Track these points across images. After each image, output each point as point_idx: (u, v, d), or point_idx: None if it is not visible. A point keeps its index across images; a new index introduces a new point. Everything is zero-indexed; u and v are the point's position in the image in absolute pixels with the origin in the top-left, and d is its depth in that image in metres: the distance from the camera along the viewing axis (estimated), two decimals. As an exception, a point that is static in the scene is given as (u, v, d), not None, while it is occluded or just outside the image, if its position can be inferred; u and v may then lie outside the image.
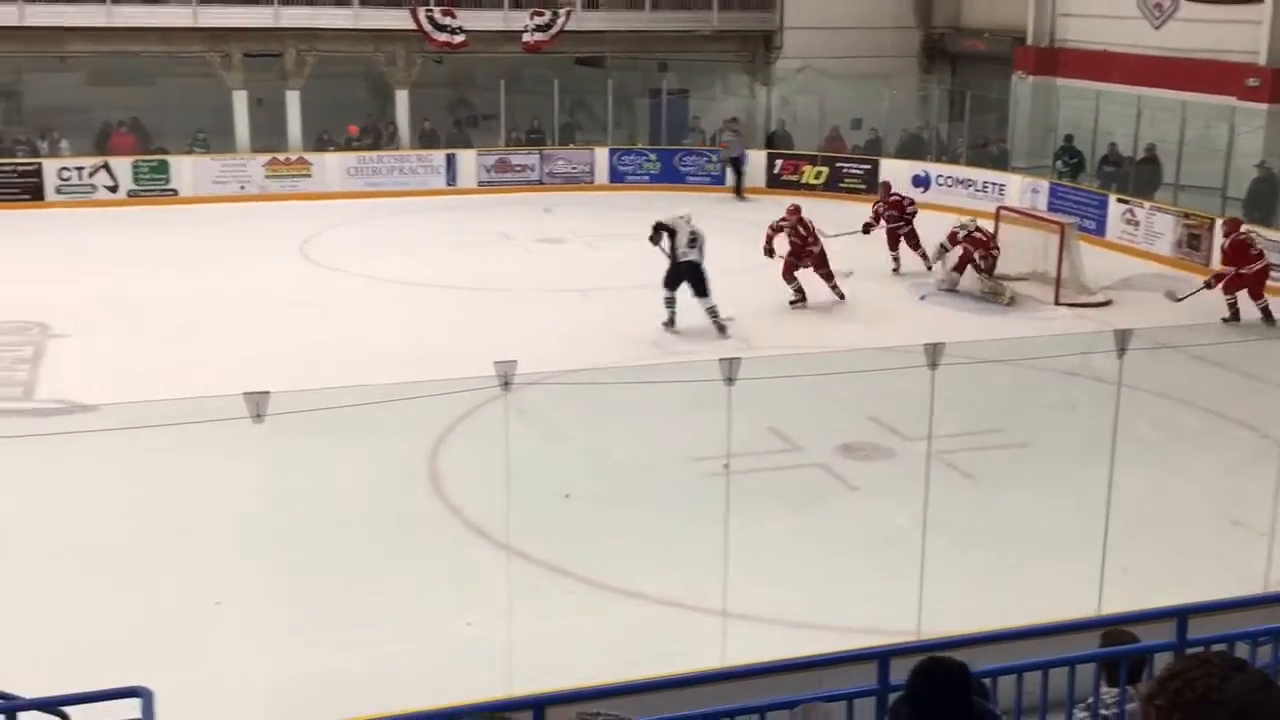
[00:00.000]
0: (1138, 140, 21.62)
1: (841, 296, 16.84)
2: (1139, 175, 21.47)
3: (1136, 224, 20.59)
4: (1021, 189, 22.76)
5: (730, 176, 25.40)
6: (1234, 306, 16.04)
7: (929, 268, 18.22)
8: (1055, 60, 24.49)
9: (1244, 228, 16.52)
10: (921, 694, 3.66)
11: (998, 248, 17.53)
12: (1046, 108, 24.29)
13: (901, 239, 18.69)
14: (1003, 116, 25.43)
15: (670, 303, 15.48)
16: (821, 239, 16.79)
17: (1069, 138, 23.31)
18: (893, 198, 18.97)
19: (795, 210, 16.98)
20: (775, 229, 16.85)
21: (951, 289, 17.58)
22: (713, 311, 15.34)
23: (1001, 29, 25.98)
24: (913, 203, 19.21)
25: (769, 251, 16.89)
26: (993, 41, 26.18)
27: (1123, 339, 8.22)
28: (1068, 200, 21.86)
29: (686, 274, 15.32)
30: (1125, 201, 20.90)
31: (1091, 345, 10.43)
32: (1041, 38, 24.67)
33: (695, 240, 15.34)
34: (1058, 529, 9.96)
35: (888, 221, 18.76)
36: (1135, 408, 9.91)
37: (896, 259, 18.74)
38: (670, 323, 15.49)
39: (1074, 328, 15.86)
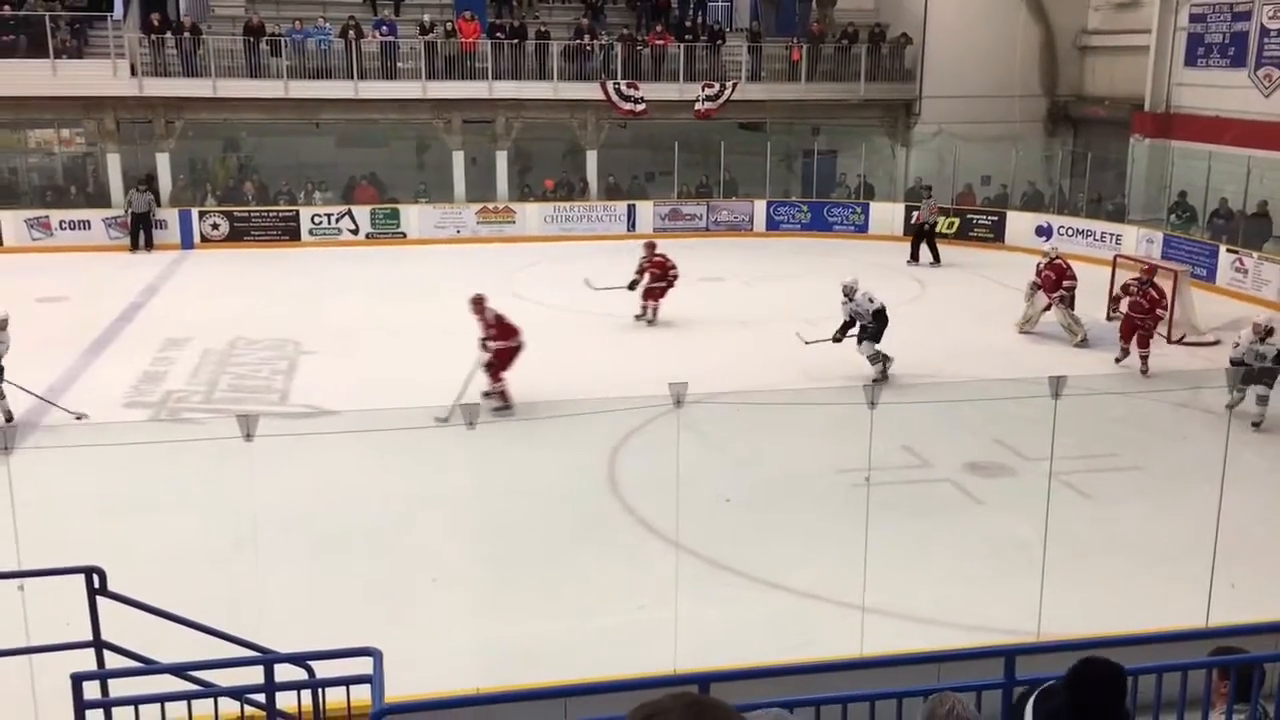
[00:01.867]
0: (1247, 197, 20.53)
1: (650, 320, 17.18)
2: (1249, 228, 20.39)
3: (1245, 272, 19.56)
4: (1138, 239, 21.85)
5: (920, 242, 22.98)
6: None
7: (644, 318, 17.36)
8: (1170, 124, 23.46)
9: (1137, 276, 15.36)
10: (1083, 689, 3.48)
11: (1075, 277, 16.61)
12: (1161, 167, 23.27)
13: (658, 296, 17.36)
14: (1120, 174, 24.46)
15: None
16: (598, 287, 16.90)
17: (1182, 194, 22.29)
18: (656, 258, 17.49)
19: (651, 246, 17.38)
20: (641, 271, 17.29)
21: (1030, 329, 16.70)
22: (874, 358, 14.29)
23: (1121, 96, 25.01)
24: (674, 266, 17.45)
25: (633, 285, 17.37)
26: (1112, 108, 25.22)
27: (1234, 377, 7.82)
28: (1180, 250, 20.89)
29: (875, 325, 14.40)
30: (1235, 251, 19.87)
31: (1203, 381, 9.92)
32: (1158, 104, 23.66)
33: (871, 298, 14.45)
34: (1169, 545, 9.49)
35: (651, 280, 17.36)
36: (1244, 438, 9.43)
37: (645, 309, 17.38)
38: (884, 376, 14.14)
39: (1186, 365, 15.13)
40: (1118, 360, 14.80)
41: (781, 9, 28.65)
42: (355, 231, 24.52)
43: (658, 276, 17.59)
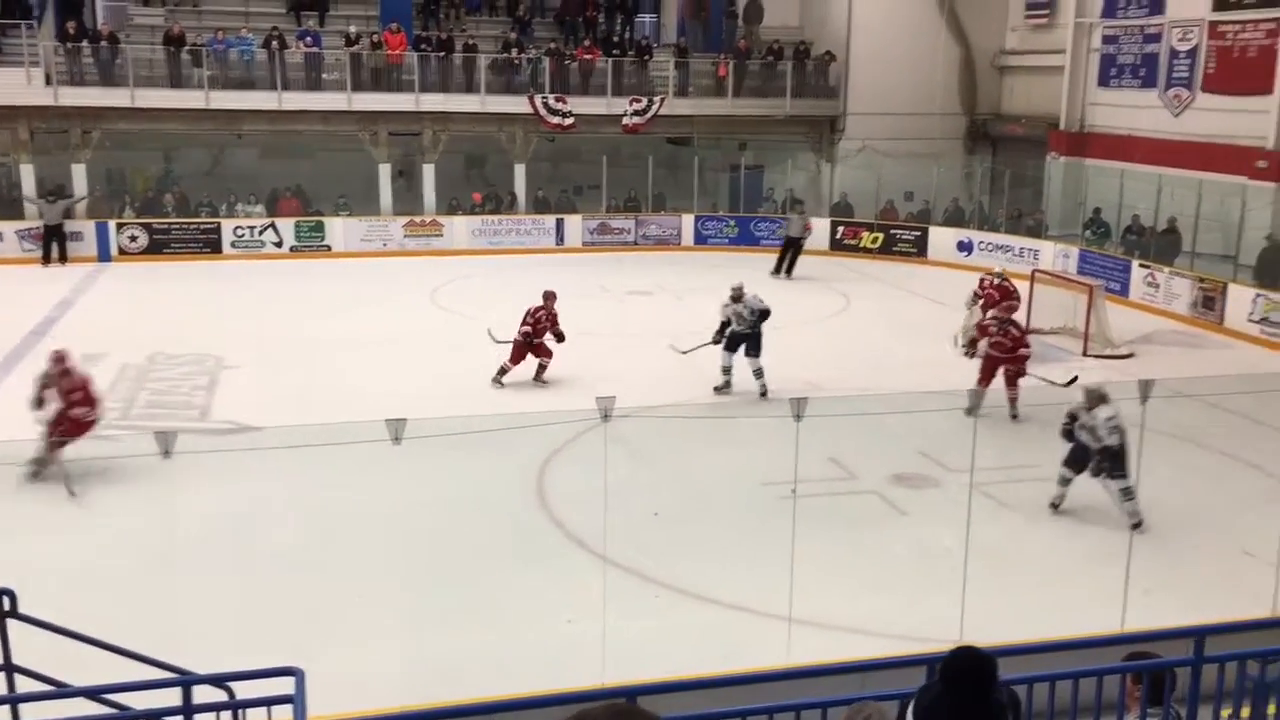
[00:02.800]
0: (1158, 213, 21.16)
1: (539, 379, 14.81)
2: (1160, 244, 21.01)
3: (1157, 286, 20.14)
4: (1054, 254, 22.39)
5: (787, 253, 23.21)
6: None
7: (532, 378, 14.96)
8: (1085, 143, 24.11)
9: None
10: (954, 679, 3.58)
11: (1018, 299, 16.75)
12: (1077, 184, 23.89)
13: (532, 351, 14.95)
14: (1038, 191, 25.08)
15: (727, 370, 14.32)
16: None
17: (1097, 210, 22.90)
18: (553, 312, 15.22)
19: (550, 297, 15.20)
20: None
21: (972, 351, 15.63)
22: (759, 372, 14.16)
23: (1037, 115, 25.65)
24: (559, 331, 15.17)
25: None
26: (1029, 126, 25.86)
27: (1145, 388, 8.03)
28: (1095, 265, 21.44)
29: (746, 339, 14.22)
30: (1147, 266, 20.45)
31: (1116, 393, 10.19)
32: (1073, 123, 24.32)
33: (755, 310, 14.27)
34: (1086, 554, 9.71)
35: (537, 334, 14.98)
36: (1155, 449, 9.70)
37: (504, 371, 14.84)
38: (726, 386, 14.24)
39: (1100, 377, 15.51)
40: (968, 412, 11.59)
41: (708, 25, 28.91)
42: (279, 244, 24.18)
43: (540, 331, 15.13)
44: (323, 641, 7.94)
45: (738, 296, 14.54)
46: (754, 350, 14.26)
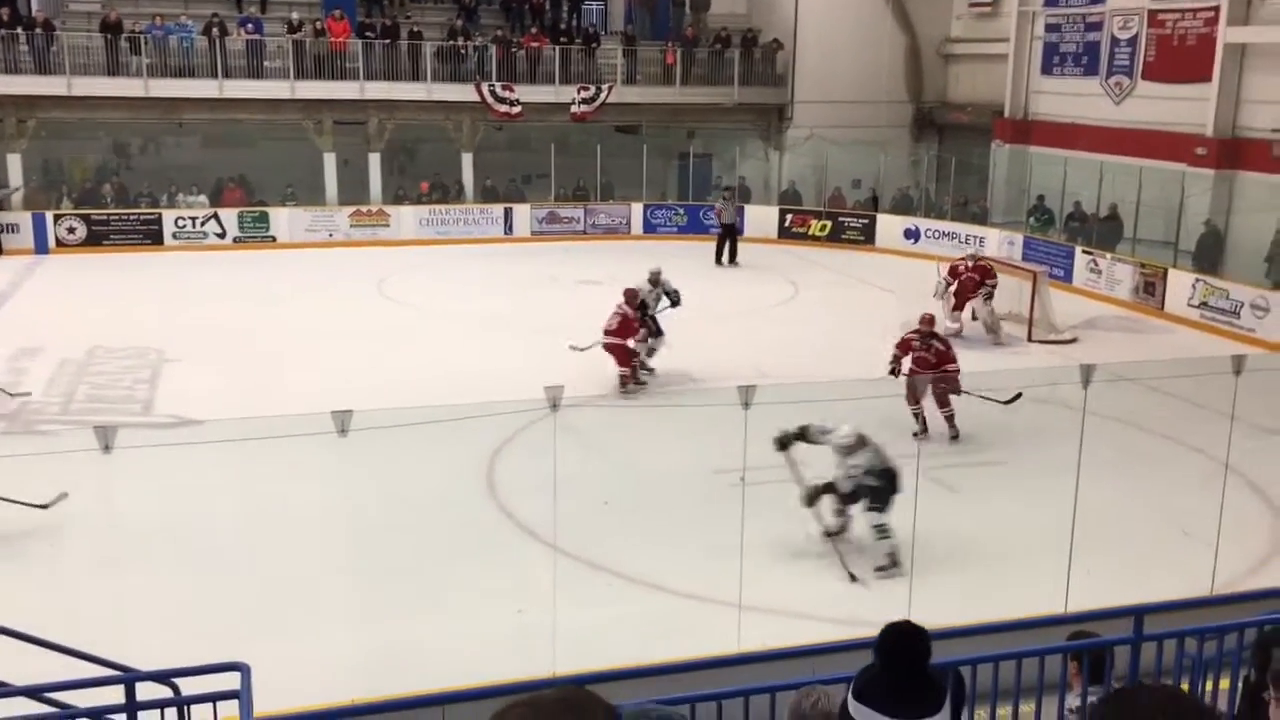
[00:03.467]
0: (1100, 200, 21.49)
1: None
2: (1102, 230, 21.34)
3: (1099, 272, 20.47)
4: (999, 241, 22.67)
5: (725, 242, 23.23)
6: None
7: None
8: (1029, 130, 24.44)
9: None
10: (889, 652, 3.65)
11: (995, 276, 17.11)
12: (1021, 171, 24.22)
13: None
14: (983, 179, 25.36)
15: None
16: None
17: (1040, 197, 23.21)
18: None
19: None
20: None
21: (958, 333, 16.43)
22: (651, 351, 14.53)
23: (982, 103, 25.95)
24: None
25: None
26: (974, 114, 26.14)
27: (1087, 372, 8.17)
28: (1039, 251, 21.75)
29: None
30: (1089, 253, 20.78)
31: (1060, 378, 10.35)
32: (1017, 111, 24.63)
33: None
34: (1030, 537, 9.86)
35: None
36: (1098, 432, 9.87)
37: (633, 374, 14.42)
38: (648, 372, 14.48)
39: (1044, 362, 15.76)
40: (916, 435, 12.03)
41: (655, 13, 28.92)
42: (222, 235, 23.87)
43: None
44: (268, 636, 7.86)
45: (655, 280, 15.24)
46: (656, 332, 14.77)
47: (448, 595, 8.80)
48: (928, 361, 12.65)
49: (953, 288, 17.18)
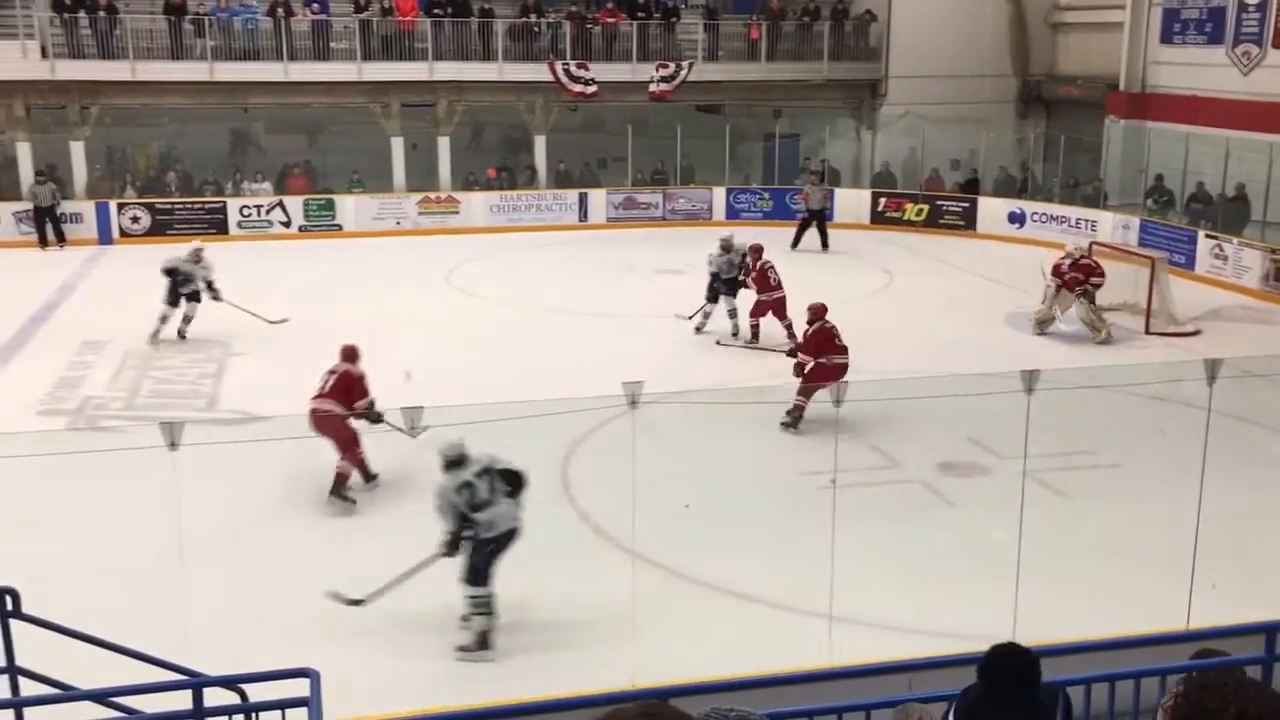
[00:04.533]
0: (1226, 180, 20.92)
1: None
2: (1228, 212, 20.78)
3: (1225, 259, 19.93)
4: (1114, 225, 22.21)
5: (807, 227, 23.20)
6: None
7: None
8: (1146, 105, 23.84)
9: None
10: (996, 677, 3.60)
11: (1103, 274, 16.74)
12: (1138, 149, 23.65)
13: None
14: (1095, 158, 24.82)
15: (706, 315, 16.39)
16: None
17: (1159, 177, 22.67)
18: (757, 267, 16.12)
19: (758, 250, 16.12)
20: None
21: (1045, 329, 16.59)
22: (733, 313, 16.16)
23: (1095, 76, 25.40)
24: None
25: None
26: (1086, 87, 25.59)
27: (1213, 367, 7.96)
28: (1158, 236, 21.25)
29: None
30: (1214, 237, 20.25)
31: (1181, 373, 10.10)
32: (1133, 84, 24.04)
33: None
34: (1148, 546, 9.65)
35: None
36: (1223, 432, 9.61)
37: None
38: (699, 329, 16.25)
39: (1164, 356, 15.40)
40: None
41: (739, -16, 28.78)
42: (287, 224, 24.33)
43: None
44: (341, 640, 8.00)
45: (728, 247, 16.32)
46: (731, 291, 16.12)
47: (523, 603, 8.87)
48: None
49: (1057, 288, 16.79)
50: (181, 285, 16.01)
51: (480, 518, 8.16)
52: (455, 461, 8.30)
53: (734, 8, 28.03)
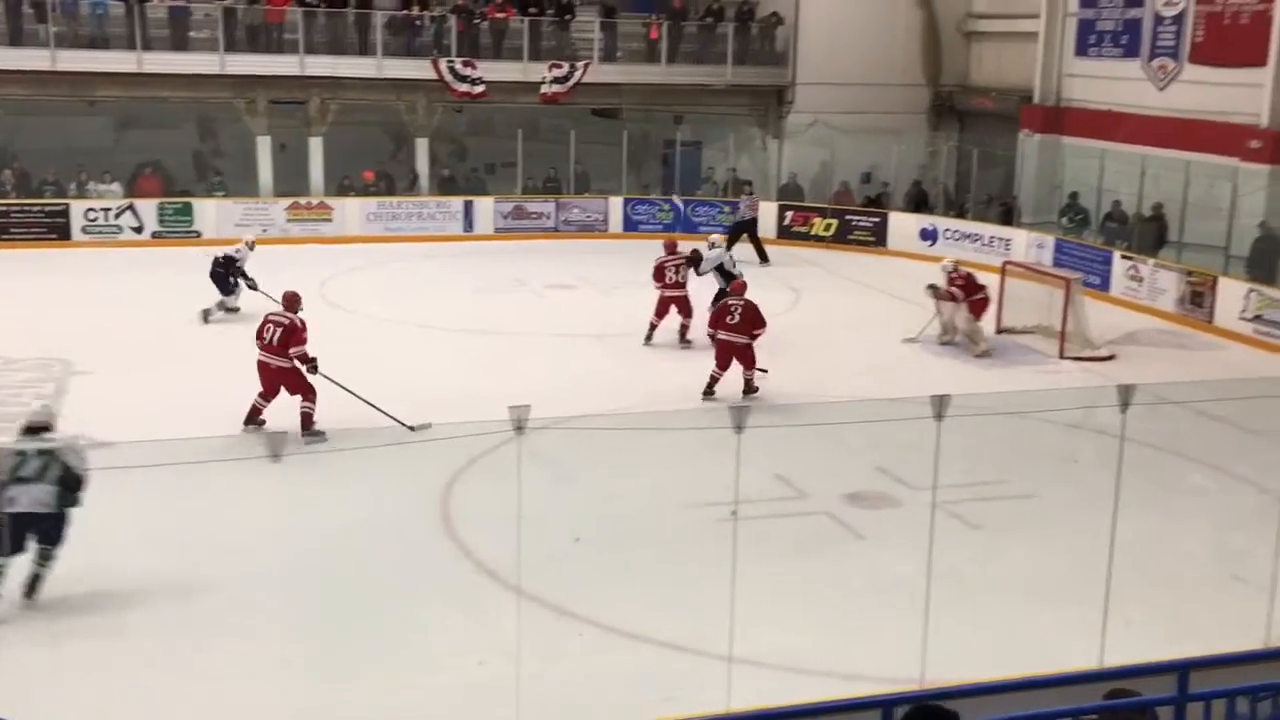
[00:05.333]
0: (1141, 198, 21.67)
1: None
2: (1143, 233, 21.51)
3: (1140, 280, 20.62)
4: (1027, 244, 22.83)
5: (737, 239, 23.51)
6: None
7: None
8: (1061, 119, 24.63)
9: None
10: None
11: (983, 290, 17.37)
12: (1052, 165, 24.40)
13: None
14: (1009, 173, 25.53)
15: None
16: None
17: (1074, 195, 23.39)
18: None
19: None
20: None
21: (949, 341, 17.47)
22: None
23: (1009, 88, 26.15)
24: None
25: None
26: (1000, 100, 26.34)
27: (1126, 393, 8.21)
28: (1072, 256, 21.90)
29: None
30: (1129, 258, 20.94)
31: (1095, 399, 10.42)
32: (1048, 97, 24.82)
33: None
34: (1061, 580, 9.91)
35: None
36: (1138, 462, 9.92)
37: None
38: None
39: (1078, 381, 15.86)
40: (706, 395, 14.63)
41: (639, -19, 29.03)
42: (139, 230, 23.81)
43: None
44: (190, 687, 7.81)
45: (714, 244, 18.27)
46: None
47: (397, 644, 8.76)
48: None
49: (953, 299, 17.37)
50: (235, 274, 18.04)
51: (10, 491, 8.68)
52: (34, 429, 9.10)
53: (633, 6, 28.26)
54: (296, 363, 12.55)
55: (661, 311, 17.20)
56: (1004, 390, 14.95)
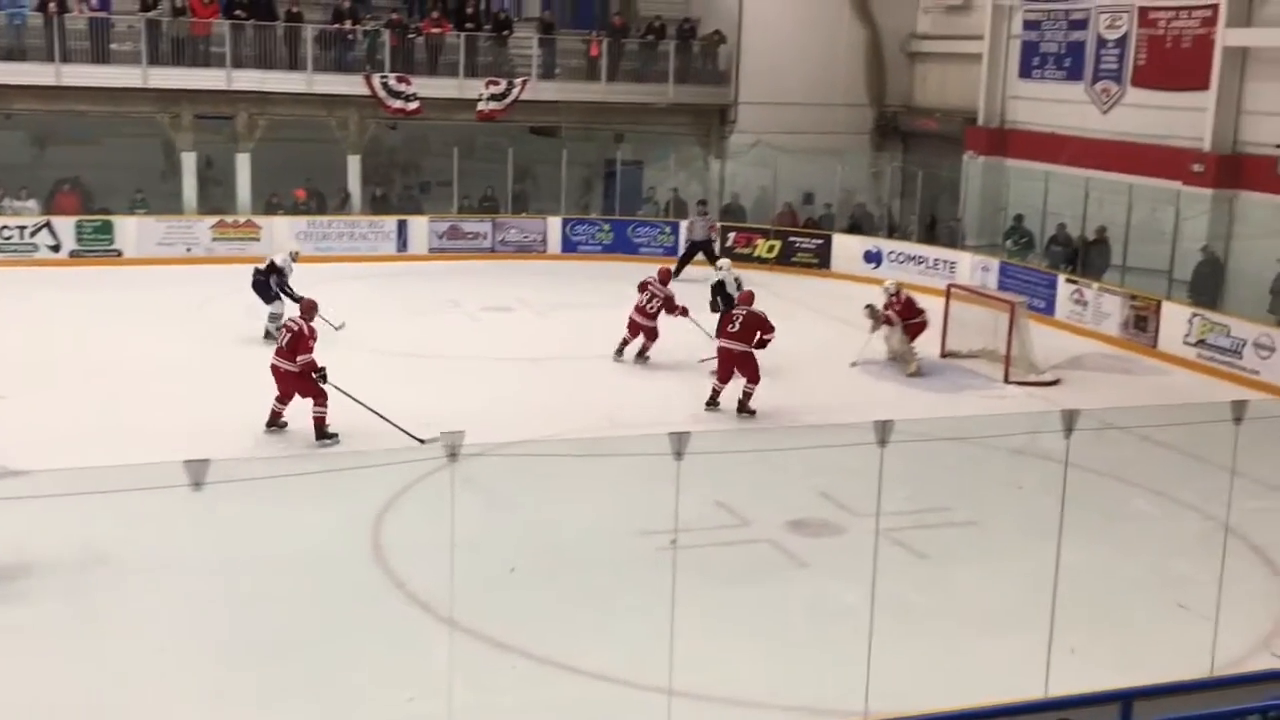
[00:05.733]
0: (1086, 221, 22.03)
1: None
2: (1088, 256, 21.86)
3: (1085, 304, 20.95)
4: (972, 267, 23.12)
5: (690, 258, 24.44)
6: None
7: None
8: (1005, 141, 25.02)
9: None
10: None
11: (922, 314, 17.71)
12: (997, 187, 24.75)
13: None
14: (954, 195, 25.87)
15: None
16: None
17: (1019, 217, 23.73)
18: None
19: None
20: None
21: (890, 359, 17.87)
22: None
23: (953, 109, 26.52)
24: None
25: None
26: (944, 121, 26.70)
27: (1070, 419, 8.33)
28: (1017, 279, 22.21)
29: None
30: (1074, 282, 21.27)
31: (1039, 425, 10.56)
32: (992, 118, 25.21)
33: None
34: (1006, 608, 10.01)
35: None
36: (1082, 488, 10.07)
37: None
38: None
39: (1023, 406, 16.06)
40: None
41: (578, -3, 29.17)
42: (56, 248, 23.48)
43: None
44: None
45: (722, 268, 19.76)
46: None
47: (324, 680, 8.66)
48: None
49: (888, 323, 17.77)
50: (279, 285, 18.19)
51: None
52: None
53: (572, 22, 28.38)
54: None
55: (634, 330, 17.62)
56: (948, 415, 15.09)
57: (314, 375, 13.36)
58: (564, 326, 19.86)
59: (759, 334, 15.17)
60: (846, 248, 25.39)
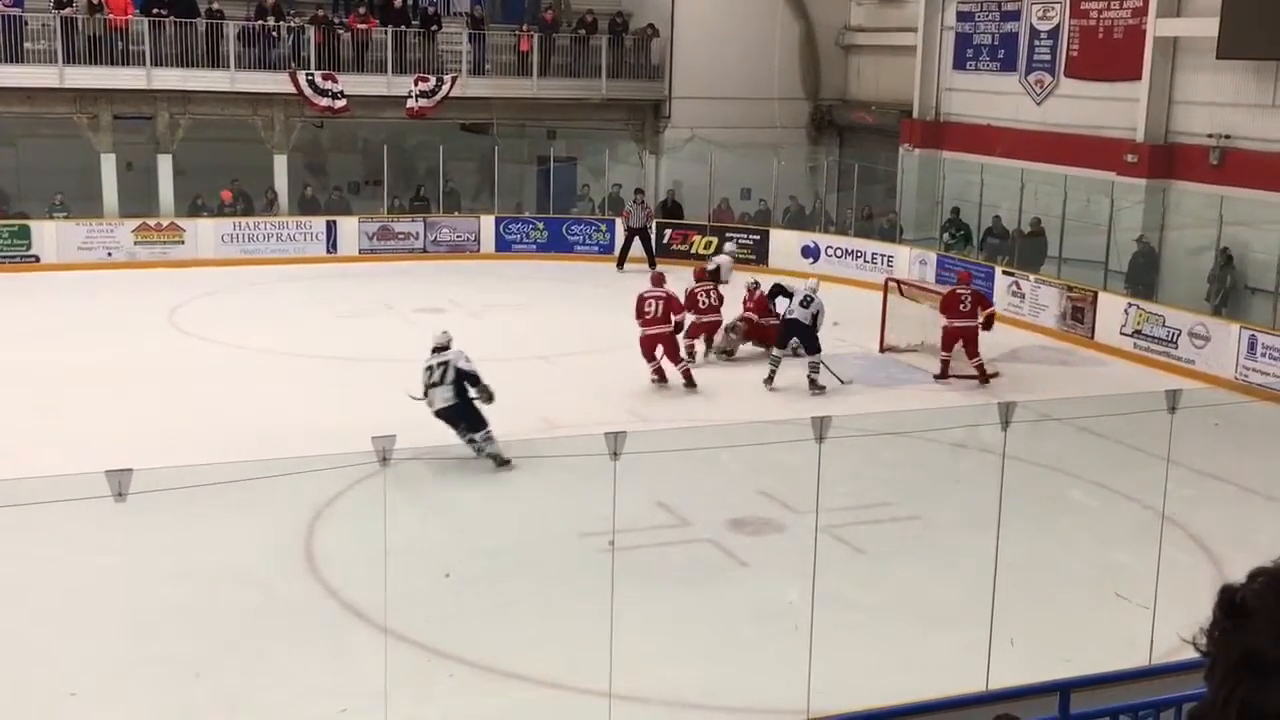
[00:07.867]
0: (1021, 213, 22.32)
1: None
2: (1024, 248, 22.15)
3: (1022, 296, 21.22)
4: (910, 260, 23.34)
5: (630, 246, 25.20)
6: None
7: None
8: (941, 133, 25.28)
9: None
10: None
11: (777, 317, 17.99)
12: (933, 180, 24.99)
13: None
14: (890, 188, 26.09)
15: (775, 361, 16.66)
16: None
17: (955, 210, 24.00)
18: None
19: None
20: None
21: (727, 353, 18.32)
22: (814, 366, 16.43)
23: (888, 102, 26.76)
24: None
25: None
26: (880, 114, 26.93)
27: (1007, 411, 8.45)
28: (955, 272, 22.38)
29: (795, 330, 16.68)
30: (1011, 274, 21.54)
31: (977, 418, 10.69)
32: (927, 111, 25.46)
33: (809, 302, 16.76)
34: (946, 602, 10.13)
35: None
36: (1021, 480, 10.22)
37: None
38: (770, 380, 16.46)
39: (960, 400, 16.25)
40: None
41: (508, -10, 29.09)
42: (-30, 254, 23.05)
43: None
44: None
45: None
46: (811, 348, 16.62)
47: (256, 694, 8.59)
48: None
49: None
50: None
51: None
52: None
53: (502, 17, 28.29)
54: None
55: (694, 333, 17.68)
56: (887, 410, 15.24)
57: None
58: (499, 327, 19.80)
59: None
60: (784, 243, 25.53)
